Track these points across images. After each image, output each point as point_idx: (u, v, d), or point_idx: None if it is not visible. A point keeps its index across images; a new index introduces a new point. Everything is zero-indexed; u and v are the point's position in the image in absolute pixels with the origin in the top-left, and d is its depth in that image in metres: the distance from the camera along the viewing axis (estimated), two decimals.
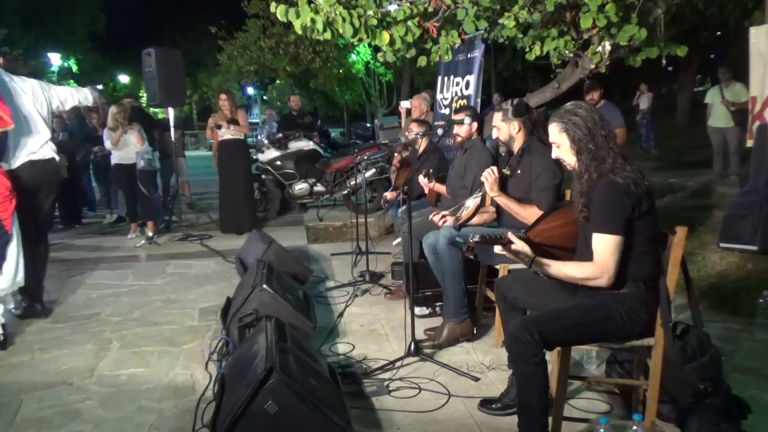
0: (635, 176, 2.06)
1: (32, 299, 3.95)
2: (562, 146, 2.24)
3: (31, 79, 3.99)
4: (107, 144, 6.49)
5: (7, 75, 3.80)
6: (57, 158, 4.03)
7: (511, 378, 2.63)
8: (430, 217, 3.44)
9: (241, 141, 6.80)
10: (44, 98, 3.94)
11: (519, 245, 2.14)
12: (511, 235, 2.16)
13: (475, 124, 3.80)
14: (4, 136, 3.51)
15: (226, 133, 6.65)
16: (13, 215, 3.48)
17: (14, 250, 3.49)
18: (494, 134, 3.29)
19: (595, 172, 2.13)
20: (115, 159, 6.48)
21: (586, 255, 2.14)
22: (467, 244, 2.12)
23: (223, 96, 6.79)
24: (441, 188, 4.06)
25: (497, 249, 2.13)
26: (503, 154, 3.32)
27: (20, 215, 3.56)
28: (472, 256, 2.16)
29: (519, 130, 3.19)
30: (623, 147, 2.21)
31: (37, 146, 3.84)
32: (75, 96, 4.26)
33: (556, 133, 2.24)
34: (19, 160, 3.76)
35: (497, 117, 3.24)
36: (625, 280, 2.12)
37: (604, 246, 2.06)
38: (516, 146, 3.22)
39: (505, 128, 3.21)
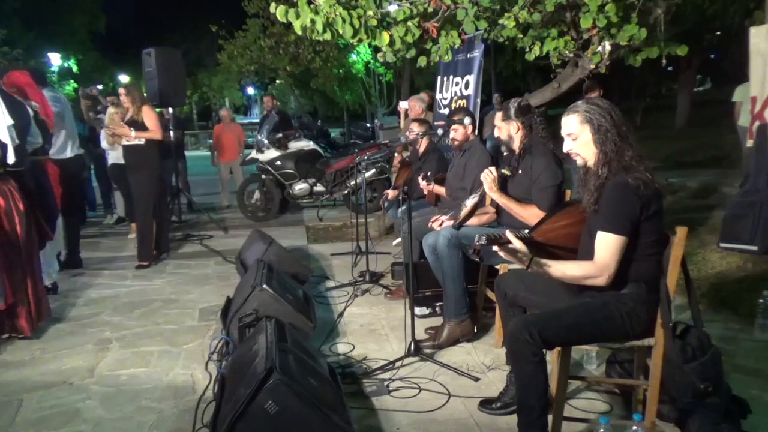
0: (646, 178, 2.04)
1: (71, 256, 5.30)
2: (580, 138, 2.17)
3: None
4: (104, 144, 6.49)
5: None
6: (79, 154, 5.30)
7: (510, 376, 2.63)
8: (429, 224, 3.45)
9: (142, 147, 5.26)
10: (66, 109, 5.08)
11: (517, 245, 2.13)
12: (509, 234, 2.15)
13: (470, 126, 3.81)
14: (50, 135, 4.47)
15: (127, 138, 5.31)
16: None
17: (60, 224, 4.53)
18: (495, 133, 3.30)
19: (615, 165, 2.09)
20: (112, 159, 6.47)
21: (588, 255, 2.13)
22: (473, 247, 2.11)
23: (122, 90, 5.40)
24: (440, 190, 4.06)
25: (495, 248, 2.11)
26: (505, 153, 3.32)
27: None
28: (477, 259, 2.15)
29: (518, 130, 3.19)
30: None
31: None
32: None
33: (576, 123, 2.17)
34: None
35: (498, 116, 3.24)
36: (627, 280, 2.11)
37: (607, 245, 2.05)
38: (516, 146, 3.23)
39: (505, 128, 3.22)
